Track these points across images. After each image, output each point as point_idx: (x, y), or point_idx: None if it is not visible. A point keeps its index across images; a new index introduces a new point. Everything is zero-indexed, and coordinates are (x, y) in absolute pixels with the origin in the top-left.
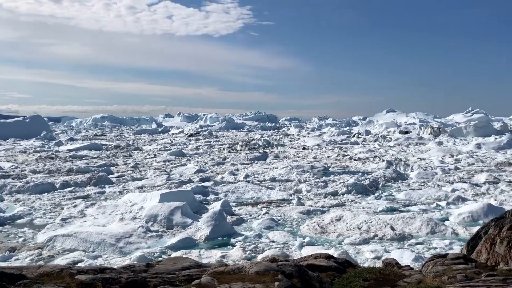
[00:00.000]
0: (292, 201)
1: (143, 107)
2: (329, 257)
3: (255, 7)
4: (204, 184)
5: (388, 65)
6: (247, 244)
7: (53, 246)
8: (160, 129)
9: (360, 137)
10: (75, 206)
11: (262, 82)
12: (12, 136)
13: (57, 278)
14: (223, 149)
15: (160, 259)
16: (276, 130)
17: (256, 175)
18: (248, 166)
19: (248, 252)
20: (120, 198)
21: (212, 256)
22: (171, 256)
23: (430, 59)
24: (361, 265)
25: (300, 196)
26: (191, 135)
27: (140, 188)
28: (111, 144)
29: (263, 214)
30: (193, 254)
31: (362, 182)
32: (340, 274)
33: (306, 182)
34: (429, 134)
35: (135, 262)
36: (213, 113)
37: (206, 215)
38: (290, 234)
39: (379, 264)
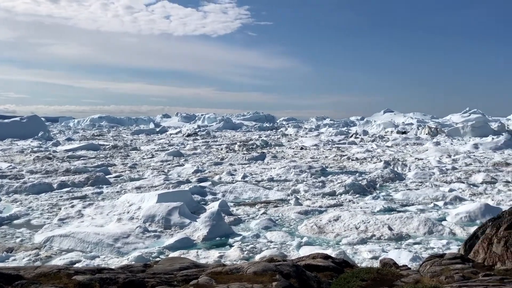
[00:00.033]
0: (290, 201)
1: (141, 107)
2: (326, 257)
3: (253, 7)
4: (202, 184)
5: (385, 65)
6: (245, 244)
7: (50, 246)
8: (158, 129)
9: (358, 137)
10: (72, 206)
11: (260, 82)
12: (10, 136)
13: (54, 279)
14: (221, 149)
15: (158, 259)
16: (274, 130)
17: (254, 175)
18: (246, 166)
19: (246, 252)
20: (117, 199)
21: (210, 256)
22: (169, 256)
23: (428, 59)
24: (358, 265)
25: (298, 196)
26: (189, 135)
27: (138, 188)
28: (109, 144)
29: (261, 214)
30: (191, 254)
31: (360, 182)
32: (337, 274)
33: (304, 182)
34: (426, 134)
35: (132, 263)
36: (211, 113)
37: (204, 215)
38: (288, 234)
39: (376, 264)
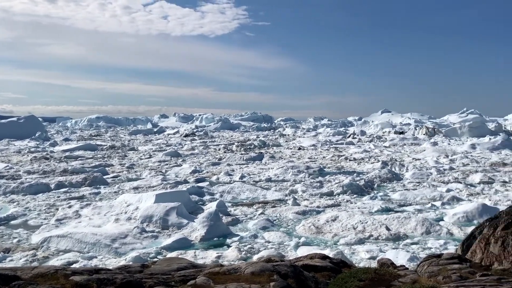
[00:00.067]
0: (287, 202)
1: (139, 107)
2: (324, 257)
3: (250, 7)
4: (200, 184)
5: (383, 65)
6: (243, 244)
7: (47, 247)
8: (155, 130)
9: (355, 138)
10: (70, 206)
11: (257, 83)
12: (7, 136)
13: (51, 279)
14: (219, 149)
15: (156, 259)
16: (271, 131)
17: (251, 176)
18: (244, 166)
19: (243, 253)
20: (115, 199)
21: (208, 257)
22: (167, 256)
23: (425, 59)
24: (356, 265)
25: (296, 197)
26: (186, 136)
27: (136, 188)
28: (106, 145)
29: (259, 215)
30: (189, 254)
31: (358, 182)
32: (335, 274)
33: (302, 183)
34: (424, 134)
35: (130, 263)
36: (208, 113)
37: (201, 216)
38: (286, 235)
39: (374, 264)
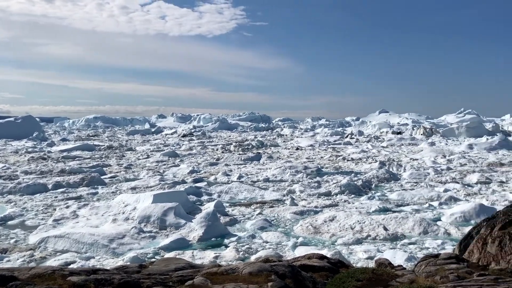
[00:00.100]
0: (285, 202)
1: (136, 107)
2: (322, 257)
3: (248, 7)
4: (198, 184)
5: (381, 66)
6: (241, 244)
7: (45, 247)
8: (153, 130)
9: (353, 138)
10: (67, 207)
11: (255, 83)
12: (4, 136)
13: (49, 280)
14: (217, 149)
15: (153, 260)
16: (269, 131)
17: (249, 176)
18: (242, 166)
19: (241, 253)
20: (113, 199)
21: (206, 257)
22: (164, 257)
23: (423, 60)
24: (354, 265)
25: (294, 197)
26: (184, 136)
27: (133, 188)
28: (104, 145)
29: (257, 215)
30: (186, 254)
31: (355, 182)
32: (333, 274)
33: (300, 183)
34: (421, 134)
35: (128, 263)
36: (206, 113)
37: (199, 216)
38: (284, 235)
39: (372, 264)
